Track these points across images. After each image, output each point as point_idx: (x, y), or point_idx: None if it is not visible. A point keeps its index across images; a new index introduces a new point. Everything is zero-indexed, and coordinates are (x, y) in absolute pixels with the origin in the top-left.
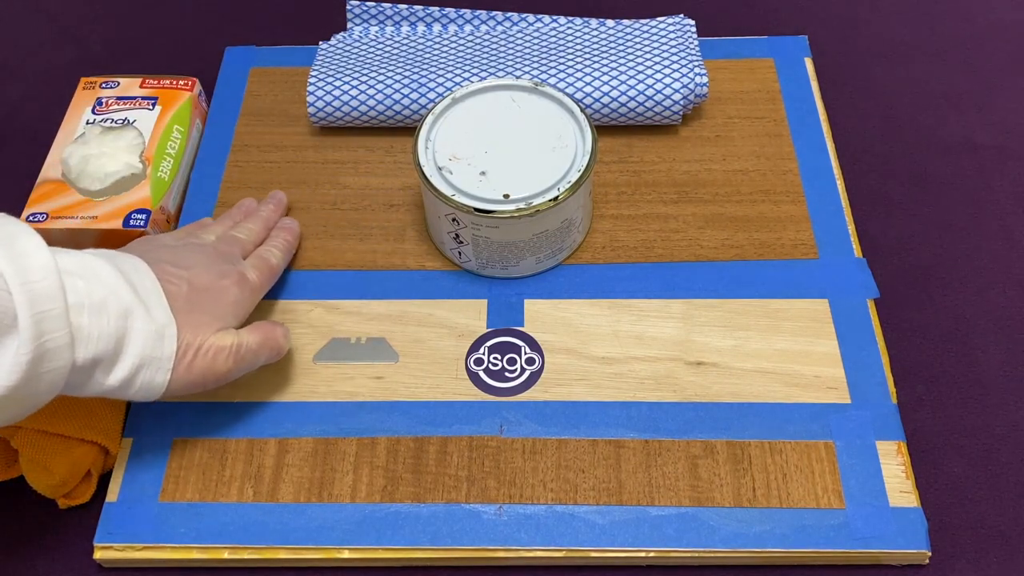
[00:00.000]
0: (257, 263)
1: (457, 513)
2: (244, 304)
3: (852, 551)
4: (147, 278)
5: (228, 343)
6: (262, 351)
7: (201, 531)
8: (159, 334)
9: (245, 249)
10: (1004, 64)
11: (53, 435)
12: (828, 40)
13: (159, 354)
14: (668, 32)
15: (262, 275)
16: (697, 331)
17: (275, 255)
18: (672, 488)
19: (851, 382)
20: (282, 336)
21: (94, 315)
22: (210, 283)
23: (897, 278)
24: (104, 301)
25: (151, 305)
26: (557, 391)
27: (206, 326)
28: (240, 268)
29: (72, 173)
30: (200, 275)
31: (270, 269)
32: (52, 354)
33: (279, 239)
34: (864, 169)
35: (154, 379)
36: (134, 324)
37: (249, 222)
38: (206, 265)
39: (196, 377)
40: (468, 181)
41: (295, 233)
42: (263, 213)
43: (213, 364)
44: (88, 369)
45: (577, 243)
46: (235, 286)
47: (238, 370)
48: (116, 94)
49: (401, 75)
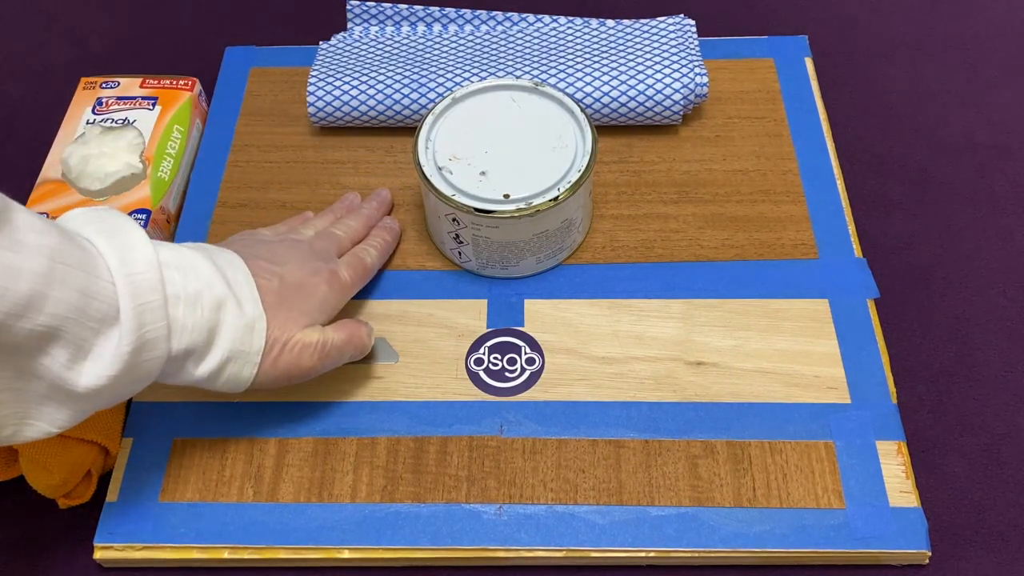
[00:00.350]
0: (351, 261)
1: (457, 513)
2: (333, 302)
3: (852, 551)
4: (241, 272)
5: (314, 339)
6: (347, 348)
7: (201, 531)
8: (249, 328)
9: (342, 246)
10: (1004, 64)
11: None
12: (828, 40)
13: (248, 348)
14: (668, 32)
15: (355, 274)
16: (697, 331)
17: (371, 254)
18: (672, 488)
19: (851, 382)
20: (366, 335)
21: (189, 307)
22: (302, 280)
23: (897, 278)
24: (199, 293)
25: (243, 299)
26: (557, 391)
27: (294, 322)
28: (333, 266)
29: (72, 173)
30: (293, 271)
31: (364, 268)
32: (151, 344)
33: (377, 238)
34: (864, 169)
35: (241, 372)
36: (226, 317)
37: (350, 219)
38: (300, 262)
39: (281, 372)
40: (468, 181)
41: (395, 233)
42: (365, 210)
43: (299, 360)
44: (181, 359)
45: (577, 243)
46: (325, 284)
47: (323, 366)
48: (116, 94)
49: (401, 75)
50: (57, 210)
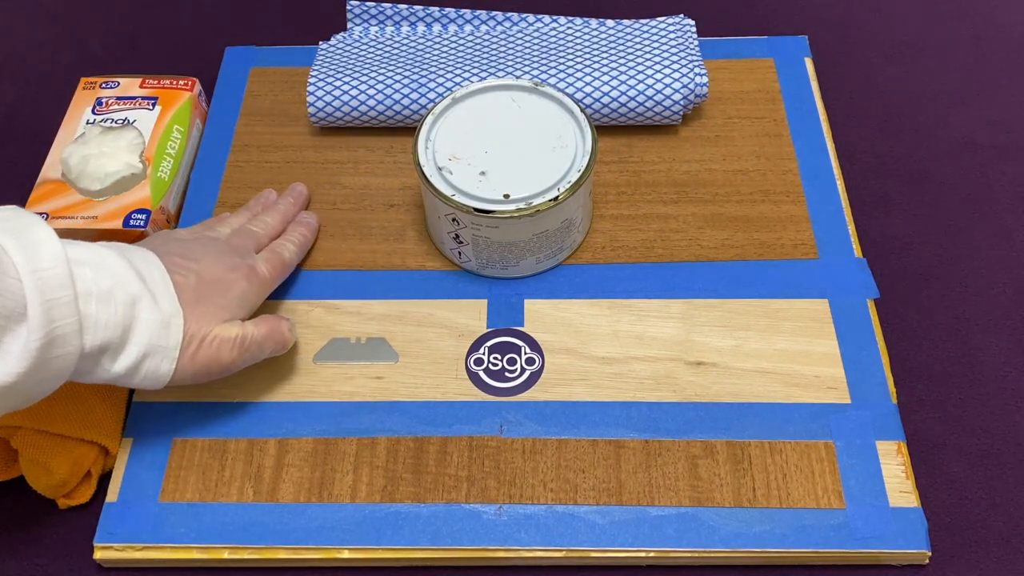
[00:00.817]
0: (269, 257)
1: (457, 513)
2: (252, 297)
3: (852, 551)
4: (156, 269)
5: (233, 334)
6: (267, 343)
7: (201, 531)
8: (165, 323)
9: (259, 243)
10: (1004, 64)
11: (53, 435)
12: (828, 40)
13: (165, 343)
14: (668, 32)
15: (273, 269)
16: (697, 331)
17: (289, 249)
18: (672, 488)
19: (851, 382)
20: (287, 329)
21: (102, 303)
22: (219, 275)
23: (897, 278)
24: (112, 289)
25: (159, 295)
26: (557, 391)
27: (212, 317)
28: (250, 261)
29: (72, 173)
30: (209, 267)
31: (282, 263)
32: (61, 340)
33: (295, 234)
34: (864, 169)
35: (159, 367)
36: (141, 313)
37: (266, 215)
38: (216, 257)
39: (200, 367)
40: (468, 181)
41: (312, 228)
42: (281, 206)
43: (218, 354)
44: (95, 356)
45: (577, 243)
46: (244, 279)
47: (242, 361)
48: (116, 94)
49: (401, 75)
50: (57, 210)
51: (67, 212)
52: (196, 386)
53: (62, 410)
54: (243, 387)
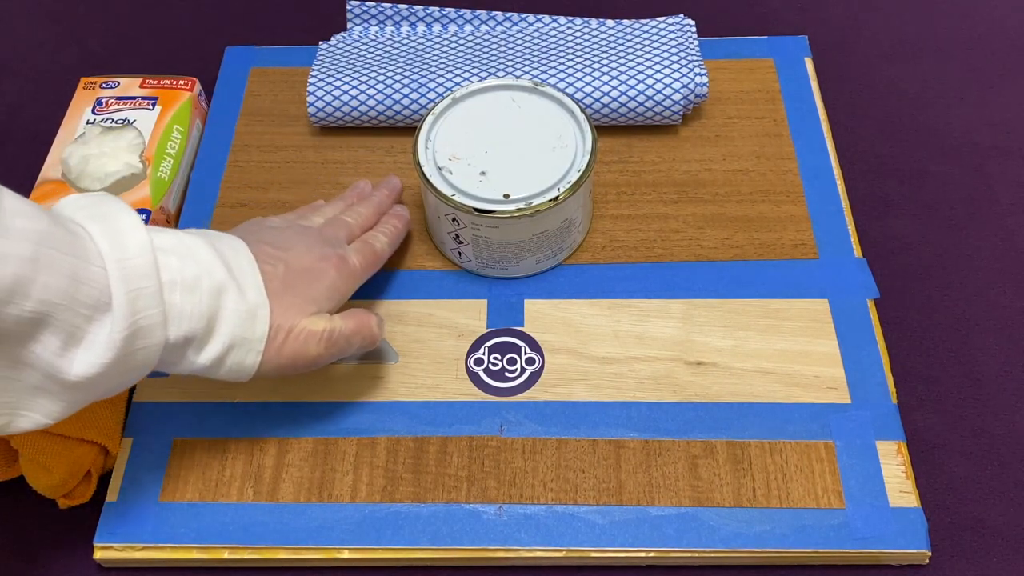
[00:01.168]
0: (361, 247)
1: (457, 513)
2: (341, 288)
3: (852, 551)
4: (244, 257)
5: (321, 328)
6: (355, 338)
7: (201, 531)
8: (251, 314)
9: (352, 233)
10: (1004, 64)
11: (53, 435)
12: (828, 40)
13: (250, 335)
14: (668, 32)
15: (364, 260)
16: (697, 331)
17: (381, 240)
18: (672, 488)
19: (851, 382)
20: (376, 324)
21: (187, 293)
22: (308, 265)
23: (897, 278)
24: (197, 279)
25: (245, 285)
26: (557, 391)
27: (299, 309)
28: (341, 252)
29: (72, 173)
30: (299, 257)
31: (374, 255)
32: (145, 332)
33: (388, 225)
34: (864, 169)
35: (245, 360)
36: (226, 303)
37: (360, 206)
38: (307, 247)
39: (286, 360)
40: (468, 181)
41: (405, 220)
42: (376, 198)
43: (304, 348)
44: (180, 347)
45: (577, 243)
46: (334, 269)
47: (329, 356)
48: (116, 94)
49: (401, 75)
50: None
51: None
52: (196, 386)
53: None
54: (243, 387)
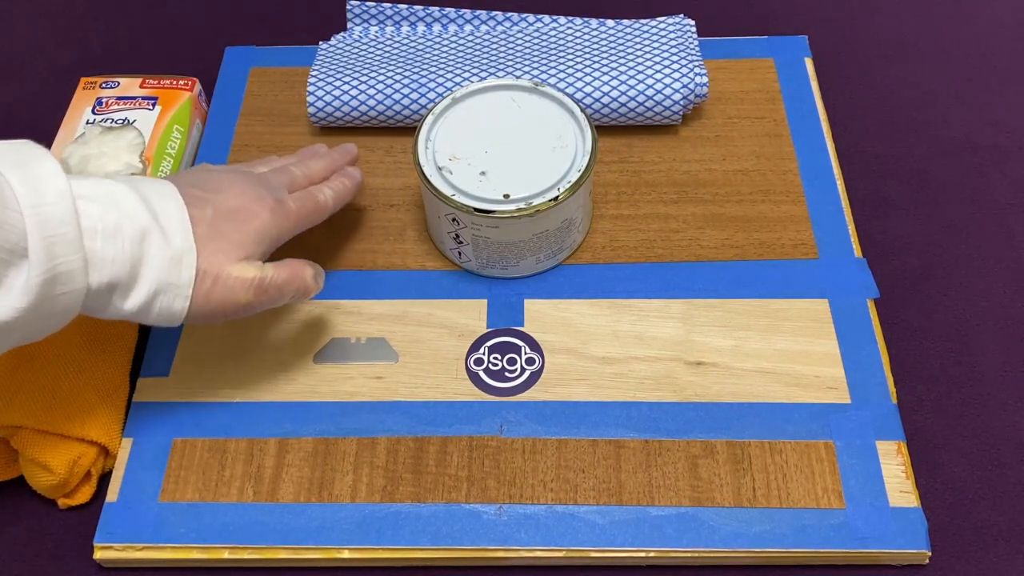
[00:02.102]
0: (302, 195)
1: (457, 513)
2: (274, 231)
3: (852, 551)
4: (171, 202)
5: (251, 275)
6: (287, 288)
7: (201, 531)
8: (176, 260)
9: (295, 182)
10: (1004, 64)
11: (53, 435)
12: (828, 40)
13: (176, 280)
14: (668, 32)
15: (302, 207)
16: (697, 331)
17: (325, 193)
18: (672, 488)
19: (851, 382)
20: (311, 276)
21: (108, 239)
22: (239, 206)
23: (897, 278)
24: (119, 225)
25: (170, 230)
26: (557, 391)
27: (227, 253)
28: (279, 196)
29: (72, 173)
30: (229, 199)
31: (315, 204)
32: (65, 277)
33: (336, 181)
34: (864, 169)
35: (172, 305)
36: (150, 249)
37: (311, 161)
38: (241, 189)
39: (215, 306)
40: (468, 181)
41: (355, 181)
42: (328, 156)
43: (233, 295)
44: (104, 293)
45: (577, 243)
46: (267, 211)
47: (259, 303)
48: (116, 94)
49: (401, 75)
50: None
51: None
52: (196, 386)
53: (62, 410)
54: (243, 387)
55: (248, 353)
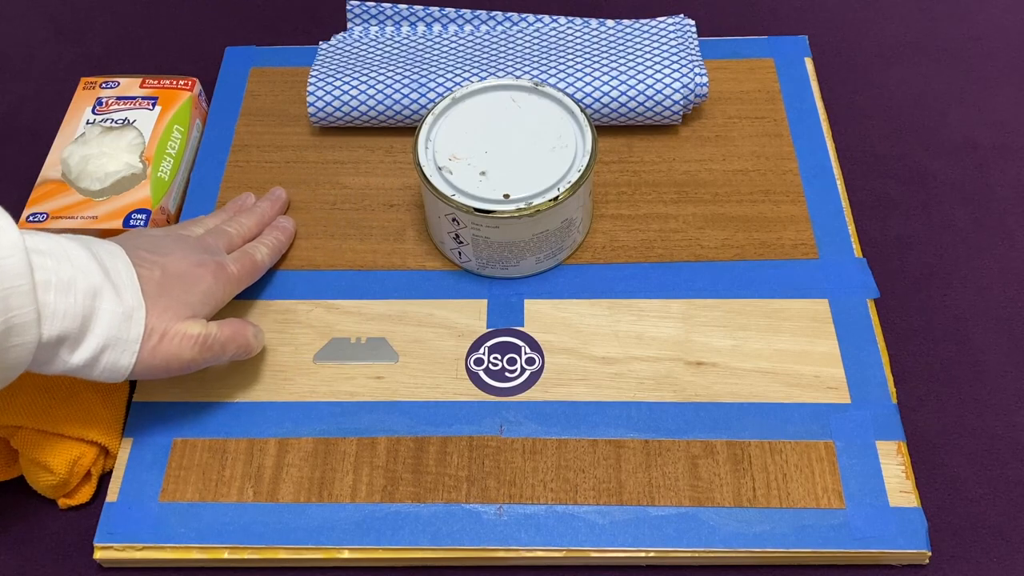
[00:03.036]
0: (239, 256)
1: (457, 513)
2: (218, 294)
3: (852, 551)
4: (121, 261)
5: (196, 332)
6: (230, 345)
7: (201, 531)
8: (127, 316)
9: (232, 243)
10: (1004, 64)
11: (53, 435)
12: (828, 40)
13: (125, 336)
14: (668, 32)
15: (242, 269)
16: (697, 331)
17: (261, 251)
18: (672, 488)
19: (851, 382)
20: (252, 335)
21: (61, 293)
22: (185, 270)
23: (897, 278)
24: (72, 280)
25: (121, 287)
26: (557, 391)
27: (174, 312)
28: (219, 259)
29: (72, 173)
30: (176, 262)
31: (252, 264)
32: (19, 329)
33: (269, 237)
34: (864, 169)
35: (119, 360)
36: (102, 304)
37: (242, 217)
38: (184, 253)
39: (159, 362)
40: (468, 181)
41: (288, 233)
42: (258, 209)
43: (179, 350)
44: (53, 346)
45: (577, 243)
46: (210, 275)
47: (203, 360)
48: (116, 94)
49: (401, 75)
50: (57, 210)
51: (67, 212)
52: (196, 386)
53: (62, 410)
54: (243, 387)
55: None
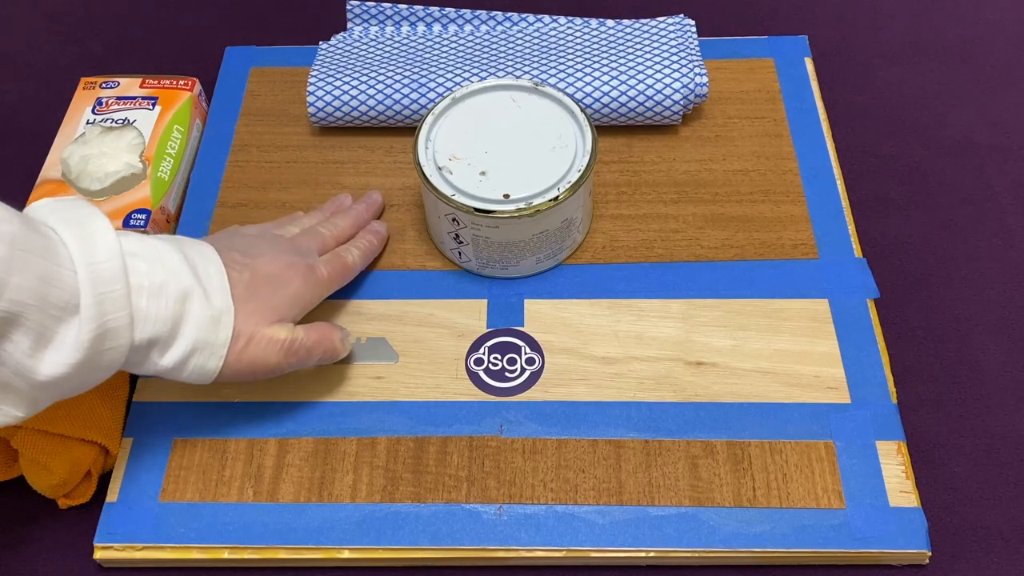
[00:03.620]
0: (331, 259)
1: (457, 513)
2: (307, 296)
3: (852, 551)
4: (212, 264)
5: (283, 337)
6: (316, 350)
7: (201, 531)
8: (216, 319)
9: (325, 244)
10: (1004, 64)
11: (53, 435)
12: (828, 40)
13: (214, 339)
14: (668, 32)
15: (333, 271)
16: (697, 331)
17: (353, 254)
18: (672, 488)
19: (851, 382)
20: (339, 340)
21: (153, 297)
22: (275, 272)
23: (897, 278)
24: (164, 283)
25: (211, 290)
26: (557, 391)
27: (262, 316)
28: (310, 261)
29: (72, 173)
30: (266, 263)
31: (344, 267)
32: (113, 333)
33: (362, 240)
34: (864, 169)
35: (207, 364)
36: (192, 308)
37: (338, 218)
38: (275, 255)
39: (246, 366)
40: (468, 181)
41: (381, 237)
42: (353, 212)
43: (264, 355)
44: (144, 349)
45: (577, 243)
46: (300, 277)
47: (289, 365)
48: (116, 94)
49: (401, 75)
50: None
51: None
52: (196, 387)
53: (62, 410)
54: (243, 387)
55: None
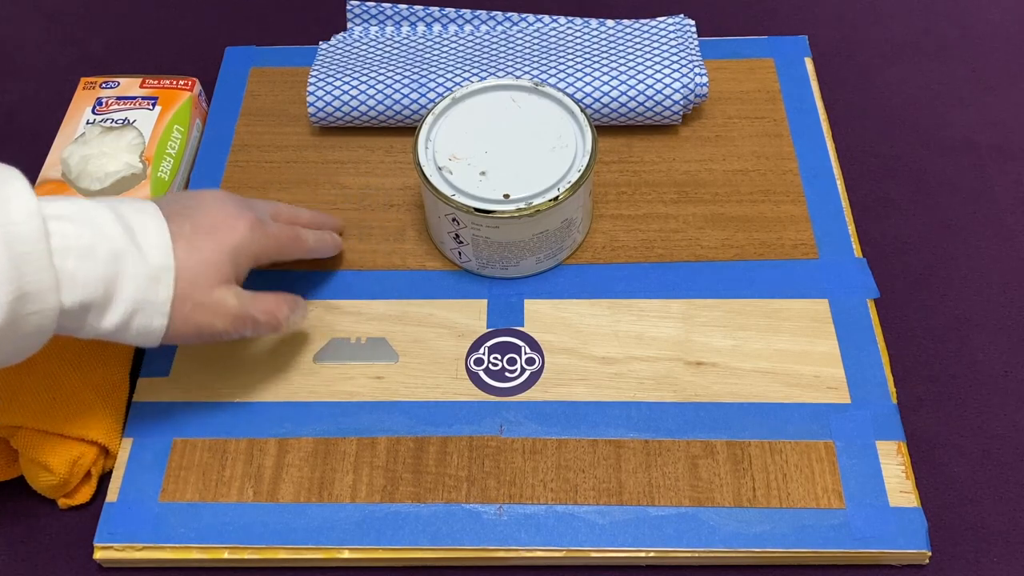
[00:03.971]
0: (283, 225)
1: (457, 513)
2: (252, 249)
3: (852, 551)
4: (152, 219)
5: (231, 304)
6: (263, 320)
7: (201, 531)
8: (154, 278)
9: (280, 214)
10: (1004, 64)
11: (53, 435)
12: (828, 40)
13: (154, 297)
14: (668, 32)
15: (281, 233)
16: (697, 331)
17: (308, 234)
18: (672, 488)
19: (851, 382)
20: (284, 317)
21: (81, 259)
22: (218, 222)
23: (897, 278)
24: (93, 245)
25: (147, 247)
26: (557, 391)
27: (207, 274)
28: (259, 216)
29: (72, 173)
30: (208, 214)
31: (296, 236)
32: (34, 296)
33: (320, 231)
34: (864, 169)
35: (151, 323)
36: (125, 268)
37: (299, 208)
38: (220, 205)
39: (192, 329)
40: (468, 181)
41: (337, 242)
42: (317, 213)
43: (211, 321)
44: (79, 313)
45: (577, 243)
46: (246, 226)
47: (236, 333)
48: (116, 94)
49: (401, 75)
50: None
51: None
52: (196, 386)
53: (62, 410)
54: (243, 387)
55: (248, 353)
